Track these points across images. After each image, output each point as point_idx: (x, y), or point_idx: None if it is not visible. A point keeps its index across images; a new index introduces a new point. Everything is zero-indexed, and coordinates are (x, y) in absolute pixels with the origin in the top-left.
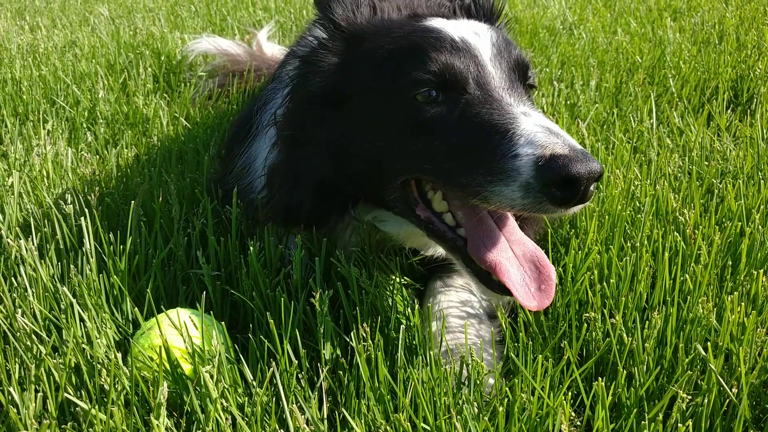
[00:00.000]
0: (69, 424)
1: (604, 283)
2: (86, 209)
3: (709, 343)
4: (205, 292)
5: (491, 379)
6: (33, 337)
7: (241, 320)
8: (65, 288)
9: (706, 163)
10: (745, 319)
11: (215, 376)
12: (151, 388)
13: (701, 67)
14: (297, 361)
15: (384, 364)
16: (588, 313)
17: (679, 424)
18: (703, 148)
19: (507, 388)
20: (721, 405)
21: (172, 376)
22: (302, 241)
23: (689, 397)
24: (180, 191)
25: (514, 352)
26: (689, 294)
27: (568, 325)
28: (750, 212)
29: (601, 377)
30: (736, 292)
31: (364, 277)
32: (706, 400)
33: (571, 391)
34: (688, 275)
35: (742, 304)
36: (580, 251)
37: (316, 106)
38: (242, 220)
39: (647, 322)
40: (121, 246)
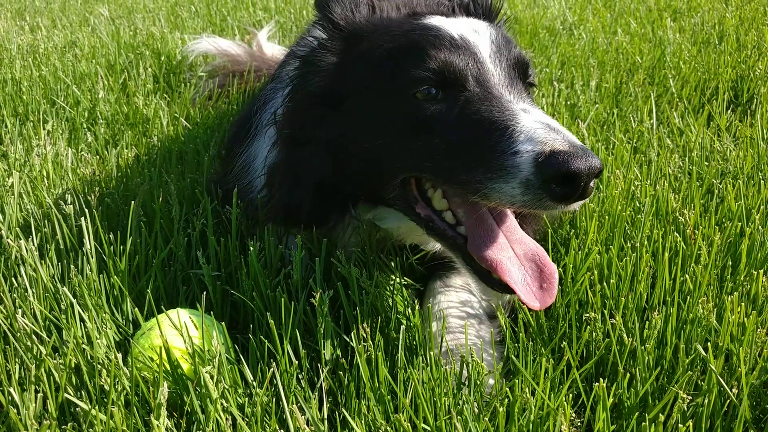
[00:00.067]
0: (69, 424)
1: (604, 284)
2: (86, 209)
3: (710, 344)
4: (205, 292)
5: (491, 380)
6: (33, 337)
7: (241, 320)
8: (65, 288)
9: (706, 164)
10: (745, 319)
11: (215, 377)
12: (151, 388)
13: (701, 68)
14: (297, 362)
15: (384, 365)
16: (588, 314)
17: (680, 425)
18: (703, 148)
19: (507, 389)
20: (722, 405)
21: (173, 377)
22: (302, 242)
23: (690, 398)
24: (180, 191)
25: (515, 353)
26: (689, 294)
27: (569, 326)
28: (750, 212)
29: (601, 378)
30: (736, 293)
31: (364, 278)
32: (707, 401)
33: (572, 392)
34: (688, 275)
35: (743, 304)
36: (580, 251)
37: (315, 106)
38: (242, 220)
39: (647, 322)
40: (122, 246)
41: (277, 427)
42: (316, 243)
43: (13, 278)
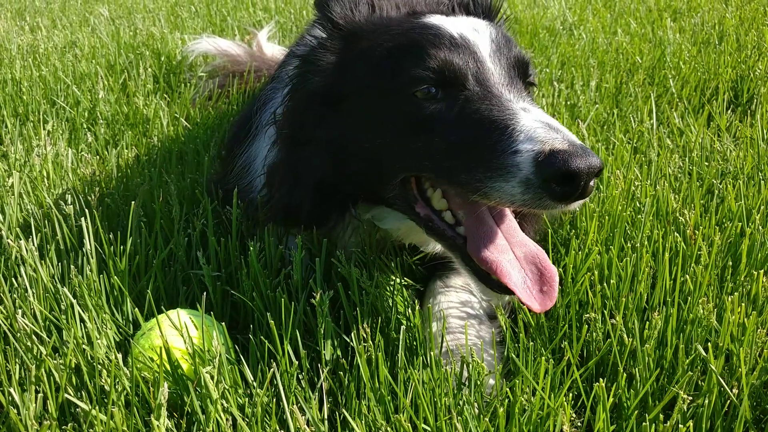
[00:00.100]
0: (69, 424)
1: (605, 284)
2: (86, 210)
3: (710, 344)
4: (205, 292)
5: (492, 380)
6: (33, 337)
7: (241, 321)
8: (65, 288)
9: (706, 164)
10: (745, 319)
11: (216, 377)
12: (151, 388)
13: (701, 68)
14: (297, 362)
15: (384, 365)
16: (588, 314)
17: (680, 425)
18: (703, 148)
19: (507, 389)
20: (722, 406)
21: (173, 377)
22: (302, 242)
23: (690, 398)
24: (180, 192)
25: (515, 353)
26: (689, 294)
27: (569, 326)
28: (750, 213)
29: (601, 378)
30: (736, 293)
31: (364, 278)
32: (707, 401)
33: (572, 392)
34: (688, 276)
35: (743, 304)
36: (581, 252)
37: (315, 106)
38: (242, 220)
39: (647, 322)
40: (122, 246)
41: (278, 428)
42: (316, 243)
43: (13, 278)
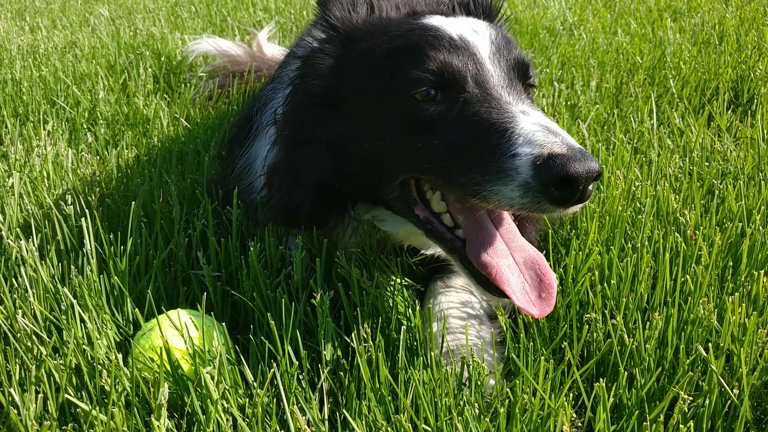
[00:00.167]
0: (70, 425)
1: (605, 284)
2: (87, 210)
3: (710, 344)
4: (205, 293)
5: (492, 380)
6: (33, 337)
7: (241, 321)
8: (66, 289)
9: (706, 164)
10: (746, 320)
11: (216, 377)
12: (151, 389)
13: (701, 68)
14: (298, 362)
15: (385, 365)
16: (589, 314)
17: (681, 426)
18: (703, 148)
19: (508, 389)
20: (723, 406)
21: (173, 377)
22: (303, 242)
23: (690, 398)
24: (180, 192)
25: (515, 353)
26: (690, 295)
27: (569, 326)
28: (751, 213)
29: (602, 378)
30: (737, 293)
31: (364, 278)
32: (708, 401)
33: (572, 392)
34: (688, 276)
35: (743, 305)
36: (581, 252)
37: (315, 106)
38: (243, 220)
39: (648, 323)
40: (122, 247)
41: (278, 428)
42: (316, 243)
43: (13, 279)
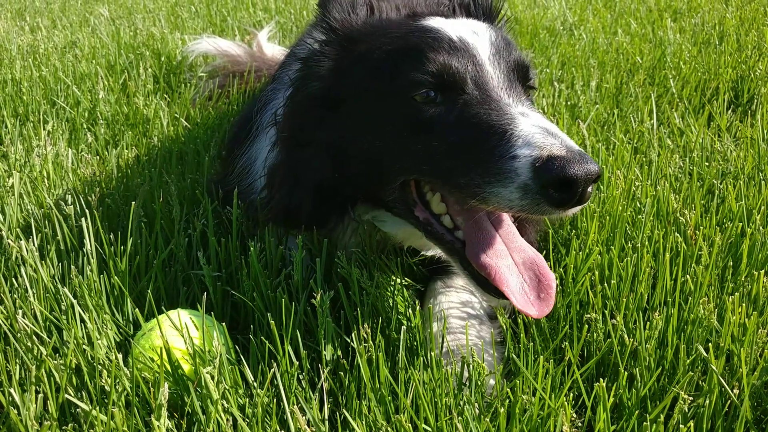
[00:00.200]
0: (70, 425)
1: (605, 284)
2: (87, 210)
3: (711, 344)
4: (205, 293)
5: (492, 380)
6: (34, 338)
7: (241, 321)
8: (66, 289)
9: (706, 164)
10: (746, 320)
11: (216, 377)
12: (151, 389)
13: (701, 68)
14: (298, 362)
15: (385, 365)
16: (589, 314)
17: (681, 426)
18: (703, 148)
19: (508, 389)
20: (723, 406)
21: (173, 377)
22: (303, 242)
23: (690, 398)
24: (180, 192)
25: (515, 353)
26: (690, 295)
27: (569, 326)
28: (751, 213)
29: (602, 378)
30: (737, 293)
31: (365, 278)
32: (708, 401)
33: (573, 392)
34: (689, 276)
35: (743, 304)
36: (581, 252)
37: (315, 108)
38: (243, 220)
39: (648, 323)
40: (122, 247)
41: (278, 428)
42: (316, 243)
43: (13, 279)
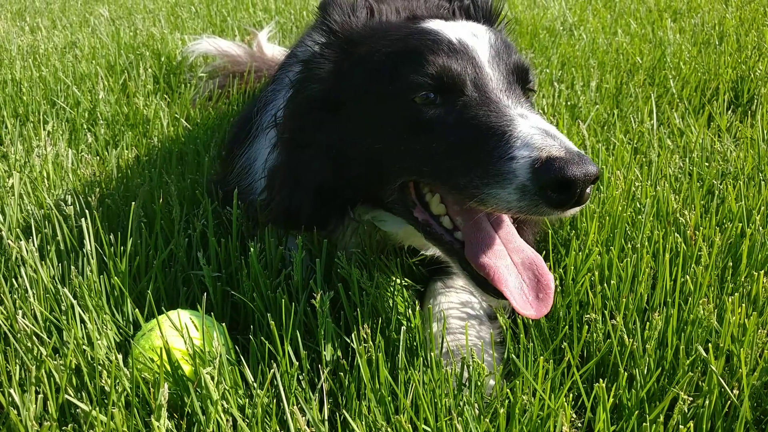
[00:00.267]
0: (69, 425)
1: (605, 285)
2: (87, 210)
3: (710, 345)
4: (205, 293)
5: (492, 381)
6: (33, 338)
7: (241, 321)
8: (66, 289)
9: (706, 164)
10: (746, 320)
11: (216, 378)
12: (151, 389)
13: (701, 68)
14: (298, 363)
15: (385, 366)
16: (589, 315)
17: (681, 426)
18: (703, 149)
19: (508, 390)
20: (723, 406)
21: (173, 378)
22: (303, 243)
23: (690, 399)
24: (180, 192)
25: (515, 354)
26: (690, 295)
27: (569, 327)
28: (751, 213)
29: (602, 379)
30: (736, 294)
31: (364, 279)
32: (708, 402)
33: (572, 393)
34: (688, 276)
35: (743, 305)
36: (581, 252)
37: (315, 110)
38: (243, 221)
39: (648, 323)
40: (122, 247)
41: (278, 428)
42: (316, 244)
43: (13, 279)
